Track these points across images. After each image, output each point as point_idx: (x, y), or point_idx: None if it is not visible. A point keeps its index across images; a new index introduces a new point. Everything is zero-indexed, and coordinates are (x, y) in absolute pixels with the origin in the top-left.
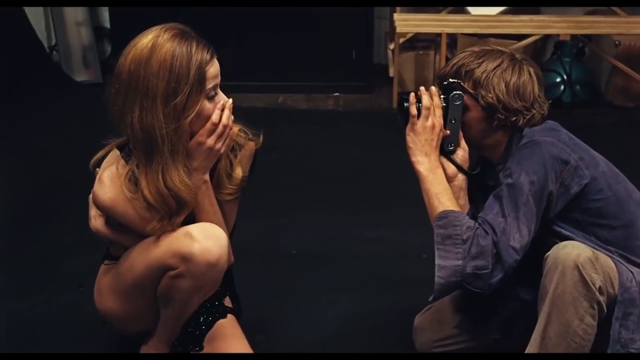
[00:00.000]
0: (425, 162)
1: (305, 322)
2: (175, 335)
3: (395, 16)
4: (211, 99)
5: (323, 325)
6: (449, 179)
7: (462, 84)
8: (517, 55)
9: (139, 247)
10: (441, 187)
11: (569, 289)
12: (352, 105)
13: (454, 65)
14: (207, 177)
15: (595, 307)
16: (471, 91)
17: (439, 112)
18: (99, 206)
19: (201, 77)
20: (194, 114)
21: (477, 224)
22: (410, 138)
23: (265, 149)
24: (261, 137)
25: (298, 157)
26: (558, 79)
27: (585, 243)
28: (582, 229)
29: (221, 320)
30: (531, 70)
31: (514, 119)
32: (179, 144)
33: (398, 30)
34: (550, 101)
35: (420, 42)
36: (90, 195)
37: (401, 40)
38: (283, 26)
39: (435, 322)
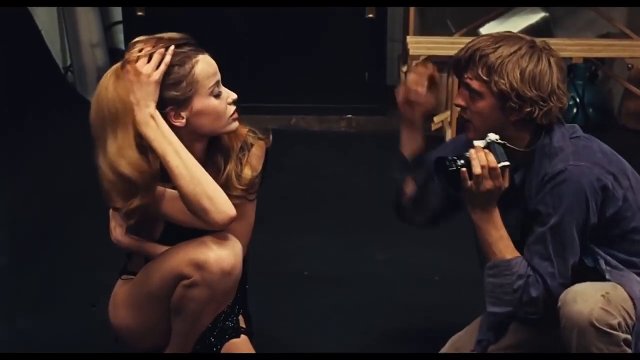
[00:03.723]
0: (479, 212)
1: (316, 344)
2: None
3: (409, 39)
4: (217, 96)
5: (334, 348)
6: None
7: (478, 70)
8: (539, 43)
9: (155, 260)
10: (495, 236)
11: (594, 346)
12: (365, 127)
13: (469, 49)
14: (153, 110)
15: (622, 344)
16: (484, 77)
17: (496, 173)
18: None
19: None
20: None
21: (528, 269)
22: (468, 198)
23: (278, 170)
24: (270, 136)
25: (310, 178)
26: (571, 102)
27: (608, 257)
28: (608, 244)
29: (234, 340)
30: (551, 59)
31: (528, 109)
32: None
33: (411, 52)
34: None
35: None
36: (110, 210)
37: (414, 62)
38: (296, 48)
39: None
